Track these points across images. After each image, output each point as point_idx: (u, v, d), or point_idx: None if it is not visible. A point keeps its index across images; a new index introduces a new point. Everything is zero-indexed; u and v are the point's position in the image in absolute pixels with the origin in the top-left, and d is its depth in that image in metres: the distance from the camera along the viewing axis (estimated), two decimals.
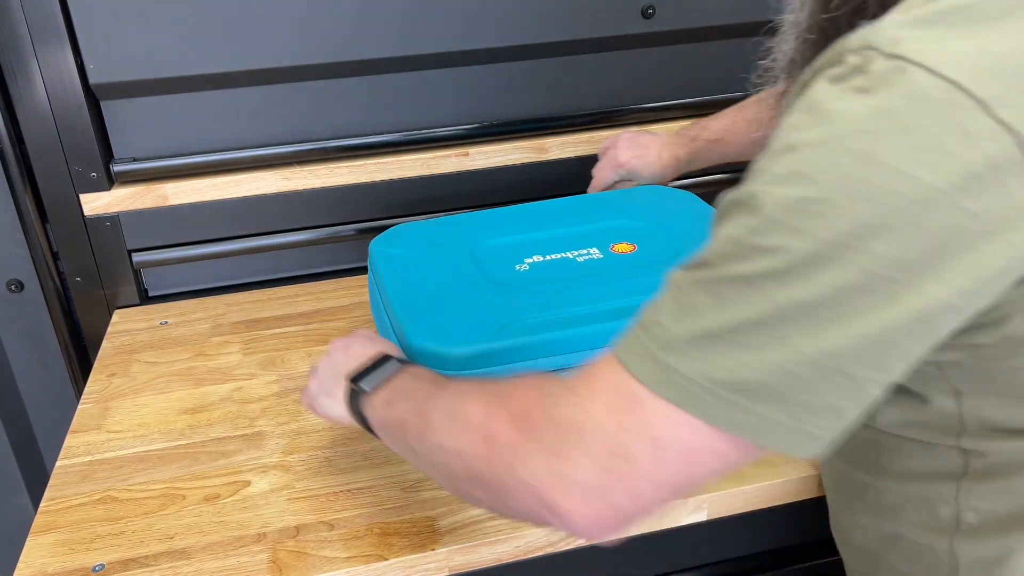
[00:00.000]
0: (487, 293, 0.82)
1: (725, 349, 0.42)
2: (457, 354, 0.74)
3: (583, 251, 0.89)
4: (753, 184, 0.43)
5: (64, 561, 0.70)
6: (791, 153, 0.41)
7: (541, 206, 1.00)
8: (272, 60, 1.03)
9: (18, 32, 0.95)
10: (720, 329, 0.42)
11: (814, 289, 0.40)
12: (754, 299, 0.41)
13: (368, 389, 0.63)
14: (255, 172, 1.09)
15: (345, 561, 0.68)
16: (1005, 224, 0.39)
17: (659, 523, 0.74)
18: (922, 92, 0.38)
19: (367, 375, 0.64)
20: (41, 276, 1.09)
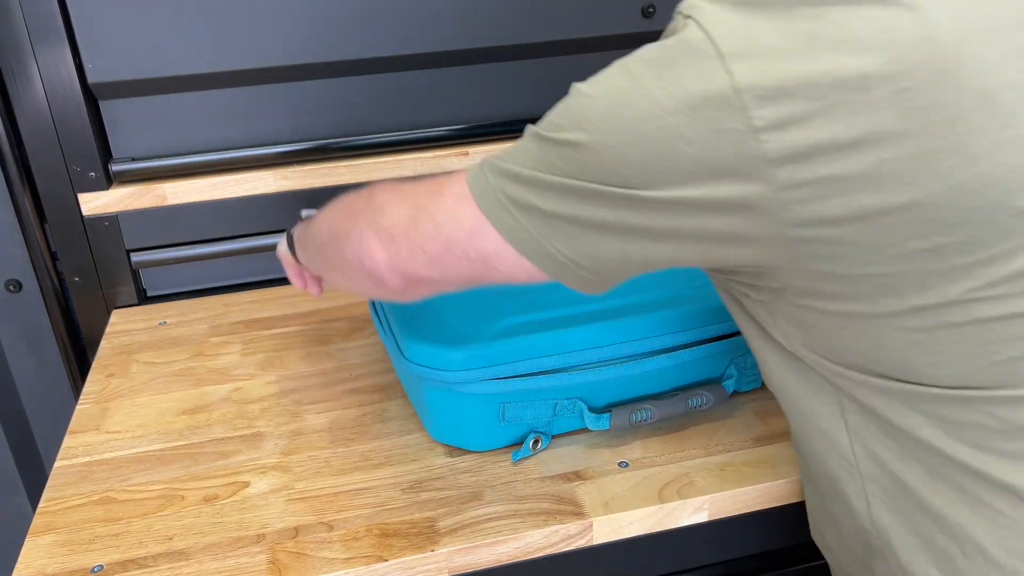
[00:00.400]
0: (482, 295, 0.82)
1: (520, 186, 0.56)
2: (455, 357, 0.74)
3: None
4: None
5: (63, 562, 0.70)
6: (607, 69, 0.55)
7: None
8: (272, 60, 1.03)
9: (17, 32, 0.95)
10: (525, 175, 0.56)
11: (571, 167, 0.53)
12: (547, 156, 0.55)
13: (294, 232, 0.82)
14: (254, 172, 1.09)
15: (345, 562, 0.68)
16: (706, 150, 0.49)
17: (659, 523, 0.74)
18: (688, 38, 0.49)
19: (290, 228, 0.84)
20: (40, 276, 1.09)
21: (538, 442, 0.78)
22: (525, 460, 0.78)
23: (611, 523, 0.72)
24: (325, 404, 0.88)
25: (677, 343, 0.80)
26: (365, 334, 1.01)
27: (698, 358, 0.80)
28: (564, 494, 0.74)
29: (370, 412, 0.87)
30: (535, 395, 0.76)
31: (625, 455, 0.79)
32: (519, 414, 0.77)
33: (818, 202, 0.48)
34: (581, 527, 0.71)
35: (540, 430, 0.79)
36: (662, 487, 0.75)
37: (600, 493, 0.74)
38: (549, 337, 0.77)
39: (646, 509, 0.73)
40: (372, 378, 0.92)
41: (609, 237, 0.53)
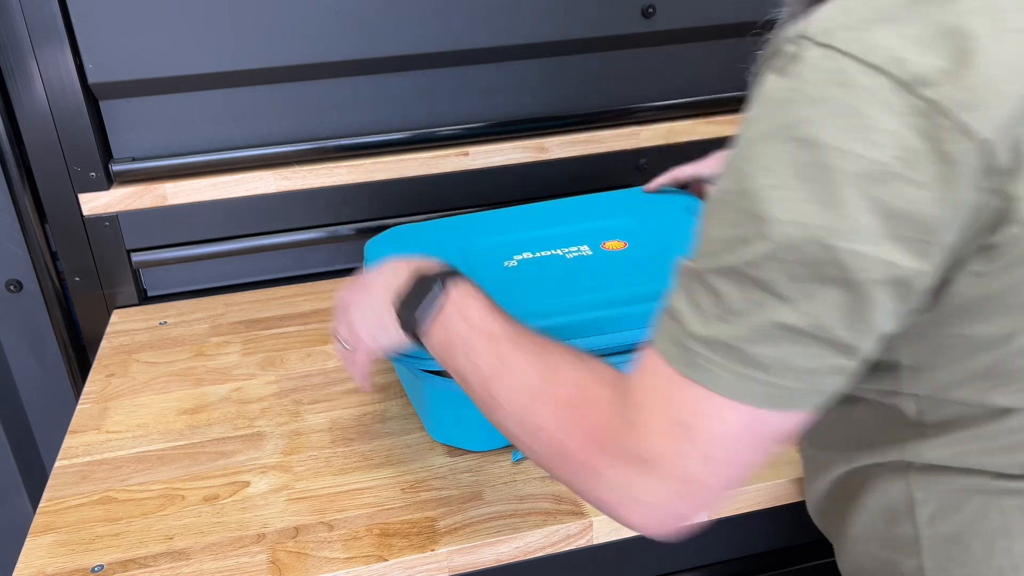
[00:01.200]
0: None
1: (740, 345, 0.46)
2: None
3: (573, 248, 0.90)
4: (722, 179, 0.48)
5: (63, 562, 0.70)
6: (749, 147, 0.46)
7: (535, 207, 1.00)
8: (272, 60, 1.03)
9: (17, 32, 0.95)
10: (736, 335, 0.46)
11: (792, 270, 0.44)
12: (745, 293, 0.45)
13: (423, 325, 0.62)
14: (254, 172, 1.09)
15: (345, 562, 0.68)
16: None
17: None
18: (849, 78, 0.42)
19: (415, 306, 0.62)
20: (40, 276, 1.09)
21: None
22: (525, 460, 0.79)
23: (611, 523, 0.72)
24: (325, 404, 0.88)
25: None
26: None
27: None
28: (564, 494, 0.74)
29: (370, 412, 0.87)
30: None
31: None
32: None
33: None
34: (581, 527, 0.72)
35: None
36: None
37: None
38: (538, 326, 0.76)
39: None
40: (372, 378, 0.92)
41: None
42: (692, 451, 0.47)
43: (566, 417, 0.53)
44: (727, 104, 1.22)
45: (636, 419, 0.49)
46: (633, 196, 1.03)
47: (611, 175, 1.18)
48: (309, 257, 1.17)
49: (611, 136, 1.18)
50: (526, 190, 1.16)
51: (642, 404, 0.49)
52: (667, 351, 0.48)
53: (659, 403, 0.48)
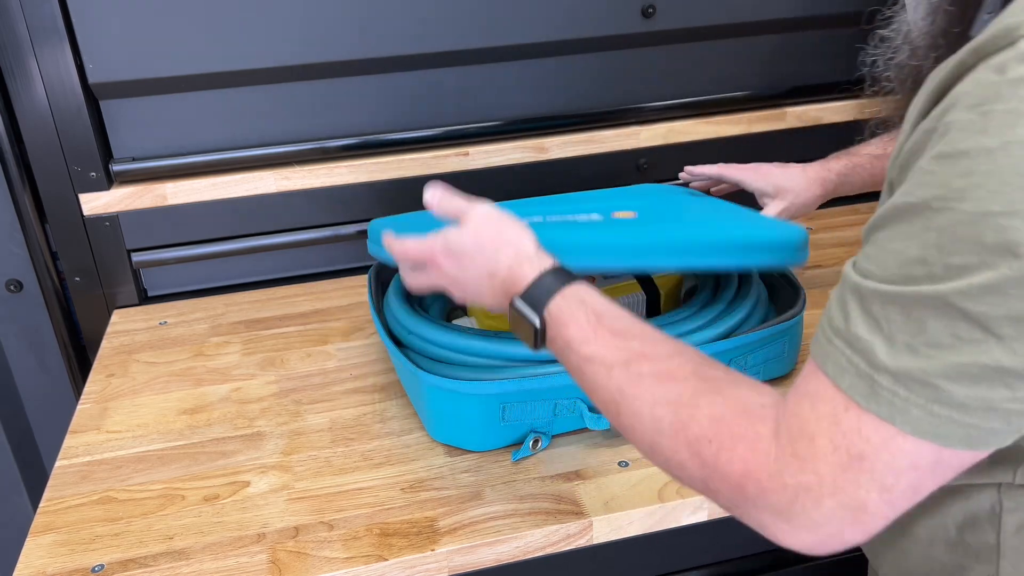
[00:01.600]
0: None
1: (939, 380, 0.42)
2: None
3: (583, 215, 0.87)
4: (923, 190, 0.41)
5: (63, 561, 0.70)
6: (966, 159, 0.40)
7: (543, 199, 1.00)
8: (272, 60, 1.03)
9: (18, 32, 0.95)
10: (934, 370, 0.41)
11: (1015, 306, 0.39)
12: (952, 327, 0.40)
13: (536, 323, 0.58)
14: (254, 172, 1.09)
15: (345, 561, 0.68)
16: None
17: (659, 523, 0.74)
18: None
19: (530, 299, 0.59)
20: (40, 276, 1.09)
21: (538, 442, 0.78)
22: (525, 460, 0.79)
23: (611, 522, 0.72)
24: (325, 404, 0.88)
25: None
26: (365, 334, 1.01)
27: None
28: (564, 493, 0.74)
29: (370, 412, 0.87)
30: (535, 395, 0.77)
31: (625, 454, 0.79)
32: (519, 414, 0.77)
33: None
34: (581, 526, 0.72)
35: (540, 430, 0.79)
36: (662, 486, 0.75)
37: (600, 492, 0.74)
38: None
39: (646, 508, 0.73)
40: (372, 378, 0.92)
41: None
42: (869, 483, 0.44)
43: (712, 458, 0.49)
44: (727, 104, 1.22)
45: (803, 451, 0.45)
46: (642, 188, 1.03)
47: (611, 175, 1.18)
48: (309, 257, 1.17)
49: (611, 136, 1.18)
50: (526, 190, 1.15)
51: (812, 435, 0.45)
52: (845, 381, 0.44)
53: (834, 435, 0.44)
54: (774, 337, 0.84)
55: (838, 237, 1.20)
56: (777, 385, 0.88)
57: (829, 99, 1.24)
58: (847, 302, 0.45)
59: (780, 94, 1.23)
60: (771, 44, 1.21)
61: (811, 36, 1.21)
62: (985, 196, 0.39)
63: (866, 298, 0.44)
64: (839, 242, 1.19)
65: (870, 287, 0.44)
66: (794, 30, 1.21)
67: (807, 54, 1.22)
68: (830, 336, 0.45)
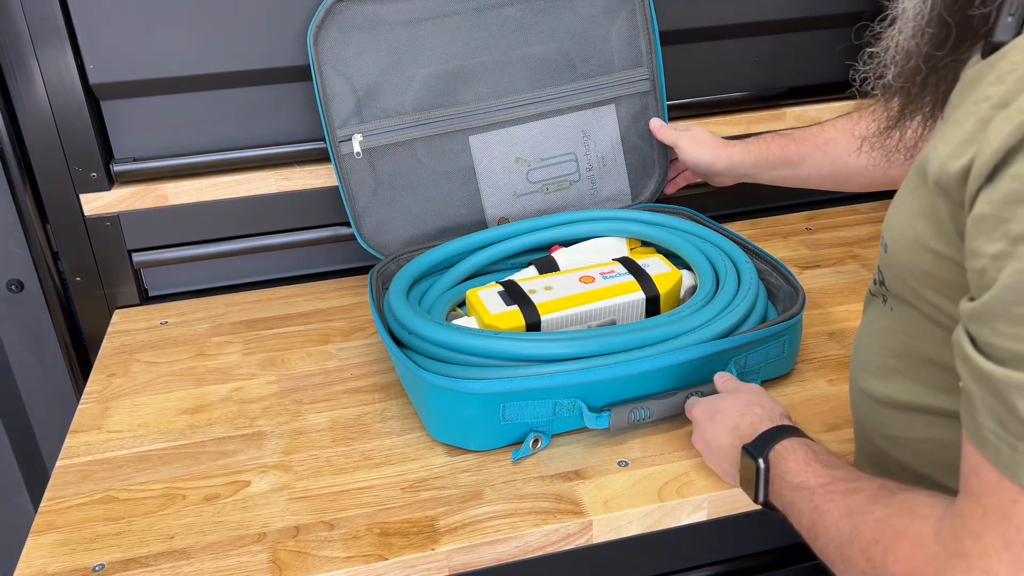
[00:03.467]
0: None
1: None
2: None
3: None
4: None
5: (64, 561, 0.70)
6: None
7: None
8: (272, 60, 1.03)
9: (18, 32, 0.96)
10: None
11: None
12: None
13: (760, 499, 0.65)
14: (255, 172, 1.09)
15: (345, 561, 0.68)
16: None
17: (659, 522, 0.74)
18: None
19: (749, 487, 0.66)
20: (41, 276, 1.09)
21: (538, 441, 0.79)
22: (525, 459, 0.79)
23: (611, 522, 0.72)
24: (326, 403, 0.88)
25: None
26: (365, 334, 1.01)
27: (697, 357, 0.80)
28: (564, 493, 0.74)
29: (370, 412, 0.87)
30: (535, 395, 0.77)
31: (624, 454, 0.79)
32: (519, 414, 0.77)
33: None
34: (581, 526, 0.72)
35: (540, 429, 0.79)
36: (661, 486, 0.75)
37: (600, 492, 0.74)
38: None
39: (645, 508, 0.73)
40: (372, 378, 0.92)
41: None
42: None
43: (880, 560, 0.50)
44: (727, 104, 1.22)
45: (970, 549, 0.45)
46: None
47: None
48: (309, 257, 1.17)
49: None
50: None
51: (980, 532, 0.44)
52: (1009, 467, 0.43)
53: (1005, 529, 0.43)
54: (774, 337, 0.84)
55: (838, 237, 1.20)
56: (777, 385, 0.88)
57: (829, 99, 1.24)
58: (1013, 402, 0.43)
59: (780, 94, 1.23)
60: (771, 44, 1.21)
61: (811, 36, 1.21)
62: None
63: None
64: (839, 242, 1.19)
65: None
66: (794, 30, 1.21)
67: (807, 54, 1.22)
68: (1013, 443, 0.43)
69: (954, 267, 0.49)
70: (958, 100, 0.52)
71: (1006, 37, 0.48)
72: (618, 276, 0.91)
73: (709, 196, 1.23)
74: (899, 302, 0.60)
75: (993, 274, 0.44)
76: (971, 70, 0.52)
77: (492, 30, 1.05)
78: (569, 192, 1.12)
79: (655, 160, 1.15)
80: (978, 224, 0.45)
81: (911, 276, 0.56)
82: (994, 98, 0.46)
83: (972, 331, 0.46)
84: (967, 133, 0.48)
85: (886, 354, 0.63)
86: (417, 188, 1.07)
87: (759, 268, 0.94)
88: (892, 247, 0.58)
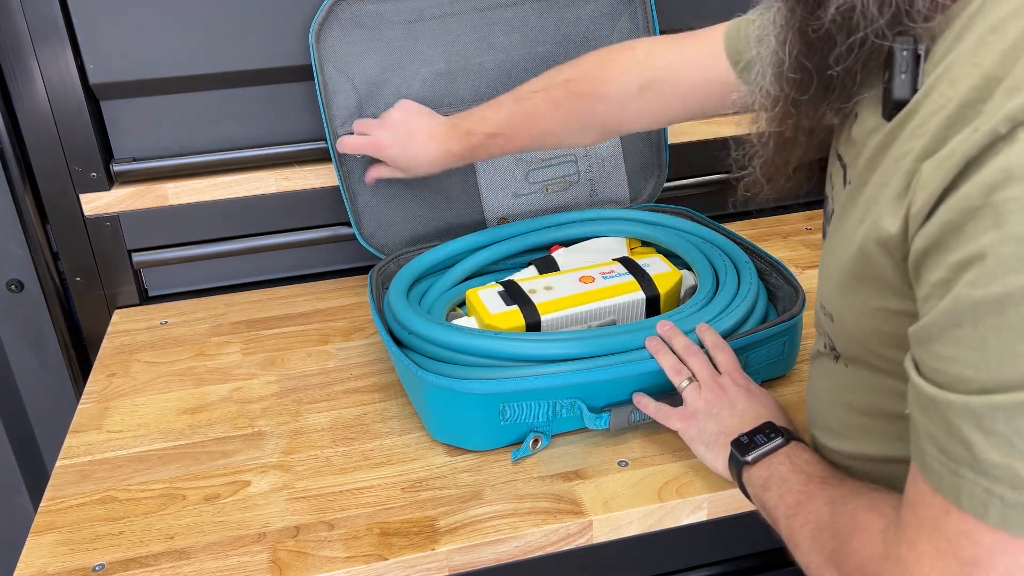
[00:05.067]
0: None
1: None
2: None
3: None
4: (1010, 277, 0.40)
5: (64, 561, 0.70)
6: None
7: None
8: (272, 60, 1.03)
9: (18, 32, 0.95)
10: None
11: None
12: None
13: (749, 460, 0.66)
14: (255, 172, 1.09)
15: (345, 561, 0.68)
16: None
17: (658, 522, 0.74)
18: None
19: (749, 446, 0.67)
20: (41, 276, 1.09)
21: (538, 441, 0.79)
22: (525, 459, 0.79)
23: (610, 522, 0.72)
24: (326, 403, 0.89)
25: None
26: (365, 334, 1.01)
27: None
28: (564, 493, 0.74)
29: (370, 411, 0.87)
30: (535, 395, 0.77)
31: (624, 454, 0.79)
32: (519, 414, 0.77)
33: None
34: (581, 526, 0.72)
35: (540, 430, 0.79)
36: (661, 486, 0.75)
37: (599, 492, 0.74)
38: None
39: (645, 508, 0.73)
40: (372, 378, 0.92)
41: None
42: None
43: (840, 549, 0.52)
44: None
45: (905, 555, 0.46)
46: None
47: None
48: (309, 257, 1.17)
49: None
50: None
51: (914, 540, 0.46)
52: (993, 516, 0.42)
53: (937, 540, 0.44)
54: (774, 337, 0.84)
55: None
56: (777, 385, 0.88)
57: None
58: (957, 427, 0.43)
59: None
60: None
61: None
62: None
63: (984, 416, 0.41)
64: None
65: (981, 403, 0.41)
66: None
67: None
68: (954, 468, 0.43)
69: (909, 320, 0.49)
70: (870, 166, 0.53)
71: (905, 95, 0.49)
72: (618, 276, 0.91)
73: (709, 196, 1.23)
74: (855, 363, 0.60)
75: (935, 301, 0.44)
76: (877, 137, 0.52)
77: (494, 30, 1.05)
78: (568, 193, 1.12)
79: (654, 163, 1.15)
80: (920, 259, 0.46)
81: (866, 338, 0.56)
82: (915, 151, 0.47)
83: (916, 356, 0.47)
84: (896, 190, 0.48)
85: (849, 413, 0.63)
86: (417, 188, 1.07)
87: (759, 268, 0.94)
88: (839, 316, 0.58)
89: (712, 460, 0.72)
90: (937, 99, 0.46)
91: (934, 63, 0.48)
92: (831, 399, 0.65)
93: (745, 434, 0.69)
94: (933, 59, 0.48)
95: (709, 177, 1.25)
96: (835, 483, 0.60)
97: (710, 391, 0.74)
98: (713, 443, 0.72)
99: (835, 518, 0.55)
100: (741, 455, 0.67)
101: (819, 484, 0.60)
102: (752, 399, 0.74)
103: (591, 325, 0.88)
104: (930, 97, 0.47)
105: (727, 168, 1.14)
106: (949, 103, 0.45)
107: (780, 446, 0.66)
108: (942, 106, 0.46)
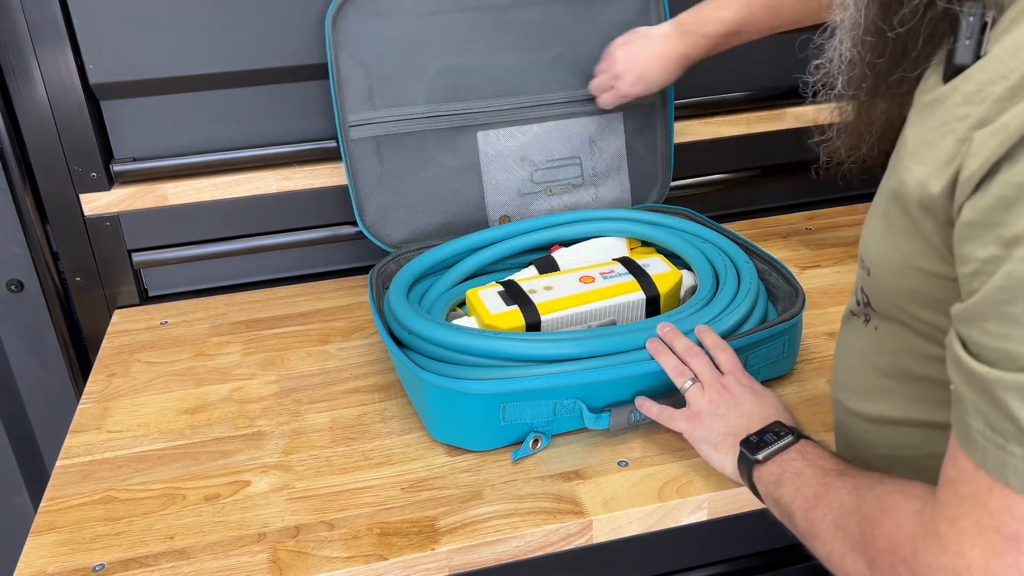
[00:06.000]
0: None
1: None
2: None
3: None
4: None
5: (64, 561, 0.70)
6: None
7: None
8: (272, 60, 1.03)
9: (18, 32, 0.96)
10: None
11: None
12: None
13: (760, 459, 0.66)
14: (255, 172, 1.09)
15: (345, 561, 0.68)
16: None
17: (659, 522, 0.74)
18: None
19: (760, 445, 0.67)
20: (41, 276, 1.09)
21: (538, 441, 0.79)
22: (525, 459, 0.79)
23: (611, 522, 0.72)
24: (326, 403, 0.89)
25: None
26: (365, 334, 1.01)
27: None
28: (564, 493, 0.74)
29: (370, 411, 0.87)
30: (535, 395, 0.77)
31: (624, 454, 0.79)
32: (519, 414, 0.77)
33: None
34: (581, 526, 0.72)
35: (540, 430, 0.79)
36: (661, 486, 0.75)
37: (600, 492, 0.74)
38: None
39: (645, 508, 0.73)
40: (372, 378, 0.92)
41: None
42: (1017, 563, 0.44)
43: (869, 532, 0.52)
44: (727, 104, 1.22)
45: (945, 532, 0.46)
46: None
47: None
48: (309, 257, 1.17)
49: None
50: None
51: (955, 517, 0.46)
52: (996, 467, 0.44)
53: (979, 516, 0.45)
54: (774, 337, 0.84)
55: (838, 237, 1.20)
56: (777, 385, 0.88)
57: (828, 99, 1.24)
58: (1006, 403, 0.43)
59: (780, 94, 1.23)
60: (771, 44, 1.21)
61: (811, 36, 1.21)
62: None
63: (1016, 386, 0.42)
64: (839, 242, 1.19)
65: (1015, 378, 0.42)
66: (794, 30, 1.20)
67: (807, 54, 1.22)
68: (1002, 444, 0.44)
69: (945, 283, 0.49)
70: (918, 120, 0.53)
71: (966, 60, 0.49)
72: (618, 276, 0.91)
73: (709, 196, 1.23)
74: (886, 321, 0.60)
75: (985, 277, 0.44)
76: (931, 94, 0.53)
77: (510, 29, 1.05)
78: (571, 196, 1.12)
79: (657, 172, 1.15)
80: (967, 231, 0.46)
81: (900, 296, 0.57)
82: (972, 118, 0.47)
83: (962, 333, 0.47)
84: (947, 153, 0.48)
85: (874, 375, 0.63)
86: (422, 179, 1.07)
87: (759, 268, 0.94)
88: (876, 271, 0.58)
89: (719, 461, 0.72)
90: (999, 68, 0.46)
91: (999, 33, 0.48)
92: (858, 362, 0.65)
93: (754, 434, 0.68)
94: (999, 28, 0.48)
95: (709, 177, 1.26)
96: (854, 473, 0.59)
97: (714, 392, 0.74)
98: (720, 444, 0.72)
99: (861, 504, 0.55)
100: (752, 454, 0.67)
101: (836, 476, 0.60)
102: (758, 399, 0.74)
103: (591, 325, 0.88)
104: (991, 65, 0.47)
105: (727, 169, 1.14)
106: (1011, 74, 0.45)
107: (791, 444, 0.66)
108: (1004, 75, 0.46)
